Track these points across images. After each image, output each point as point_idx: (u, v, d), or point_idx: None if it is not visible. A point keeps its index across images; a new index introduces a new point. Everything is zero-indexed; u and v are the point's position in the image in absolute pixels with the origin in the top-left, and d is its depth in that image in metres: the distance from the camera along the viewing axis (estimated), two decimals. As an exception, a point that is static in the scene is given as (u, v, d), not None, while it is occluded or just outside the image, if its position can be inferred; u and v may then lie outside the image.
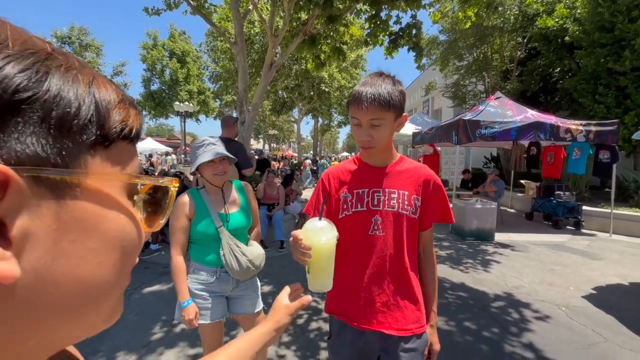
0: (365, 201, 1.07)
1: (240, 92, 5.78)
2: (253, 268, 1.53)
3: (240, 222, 1.57)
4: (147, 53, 22.13)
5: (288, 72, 13.23)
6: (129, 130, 0.25)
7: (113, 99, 0.25)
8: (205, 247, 1.51)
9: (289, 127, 46.06)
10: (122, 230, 0.25)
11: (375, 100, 0.94)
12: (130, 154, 0.26)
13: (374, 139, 1.00)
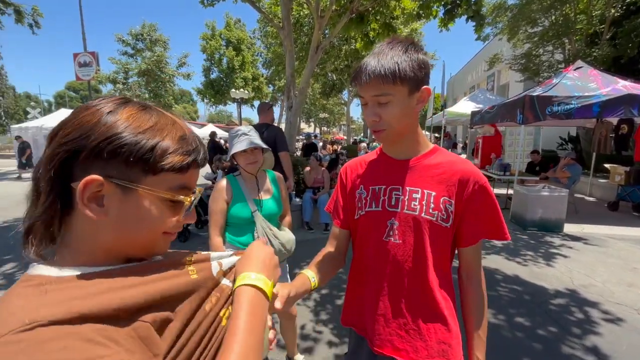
0: (381, 200, 0.90)
1: (288, 77, 5.89)
2: (285, 251, 1.61)
3: (272, 209, 1.65)
4: (206, 43, 23.56)
5: (337, 53, 13.00)
6: (170, 167, 0.47)
7: (169, 148, 0.47)
8: (241, 230, 1.63)
9: (339, 110, 45.61)
10: (147, 214, 0.47)
11: (376, 72, 0.77)
12: (175, 179, 0.48)
13: (382, 120, 0.82)
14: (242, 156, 1.58)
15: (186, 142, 0.49)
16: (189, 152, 0.49)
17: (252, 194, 1.61)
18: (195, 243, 4.58)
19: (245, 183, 1.63)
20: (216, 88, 24.45)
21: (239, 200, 1.60)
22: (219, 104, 26.54)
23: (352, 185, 0.99)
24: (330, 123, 47.92)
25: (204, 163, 0.52)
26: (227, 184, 1.62)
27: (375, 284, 0.92)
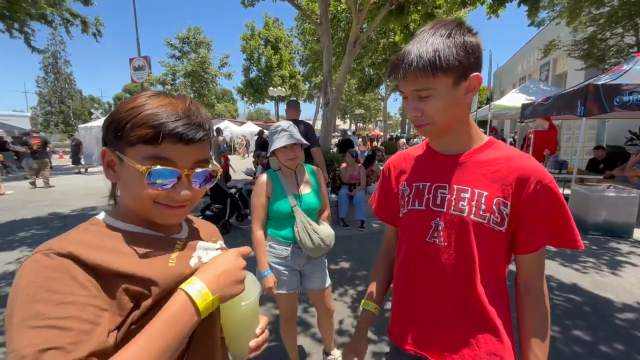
0: (425, 198, 0.83)
1: (325, 73, 5.87)
2: (324, 246, 1.61)
3: (312, 203, 1.66)
4: (246, 43, 24.37)
5: (375, 47, 12.71)
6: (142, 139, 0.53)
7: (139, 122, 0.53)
8: (281, 224, 1.65)
9: (376, 106, 44.72)
10: (131, 181, 0.55)
11: (414, 64, 0.70)
12: (148, 151, 0.53)
13: (424, 115, 0.75)
14: (282, 152, 1.60)
15: (156, 117, 0.53)
16: (155, 126, 0.52)
17: (291, 189, 1.63)
18: (236, 235, 4.79)
19: (285, 178, 1.66)
20: (255, 87, 25.24)
21: (279, 194, 1.62)
22: (258, 102, 27.38)
23: (395, 182, 0.94)
24: (366, 119, 47.21)
25: (188, 138, 0.54)
26: (268, 179, 1.65)
27: (418, 287, 0.86)
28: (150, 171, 0.53)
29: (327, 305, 1.79)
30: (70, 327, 0.42)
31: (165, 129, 0.53)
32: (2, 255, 3.98)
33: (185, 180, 0.56)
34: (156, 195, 0.55)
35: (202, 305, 0.48)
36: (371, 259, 3.79)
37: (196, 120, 0.56)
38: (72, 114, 37.99)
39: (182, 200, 0.57)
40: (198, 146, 0.57)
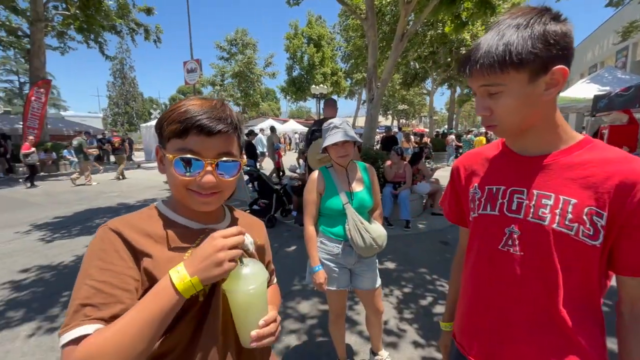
0: (499, 203, 0.76)
1: (370, 68, 5.77)
2: (376, 246, 1.58)
3: (364, 201, 1.63)
4: (289, 43, 24.88)
5: (421, 40, 12.19)
6: (173, 134, 0.62)
7: (169, 120, 0.63)
8: (333, 221, 1.66)
9: (420, 101, 42.88)
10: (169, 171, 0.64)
11: (480, 61, 0.64)
12: (178, 144, 0.62)
13: (495, 114, 0.69)
14: (333, 149, 1.60)
15: (186, 114, 0.62)
16: (181, 121, 0.61)
17: (343, 186, 1.63)
18: (281, 229, 4.93)
19: (337, 175, 1.65)
20: (297, 85, 25.71)
21: (330, 191, 1.63)
22: (300, 100, 27.86)
23: (465, 183, 0.87)
24: (410, 115, 45.53)
25: (209, 130, 0.61)
26: (319, 175, 1.66)
27: (489, 297, 0.78)
28: (176, 159, 0.62)
29: (377, 306, 1.77)
30: (103, 290, 0.54)
31: (189, 123, 0.61)
32: (82, 239, 4.56)
33: (210, 169, 0.63)
34: (187, 183, 0.63)
35: (180, 286, 0.53)
36: (417, 259, 3.66)
37: (218, 115, 0.63)
38: (135, 114, 42.08)
39: (208, 188, 0.63)
40: (220, 138, 0.64)
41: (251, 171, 5.28)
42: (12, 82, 34.32)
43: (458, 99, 24.37)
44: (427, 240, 4.29)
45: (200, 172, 0.62)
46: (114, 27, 13.72)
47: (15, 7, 10.28)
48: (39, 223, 5.43)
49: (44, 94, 11.91)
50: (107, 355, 0.48)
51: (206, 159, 0.62)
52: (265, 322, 0.63)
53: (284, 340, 2.29)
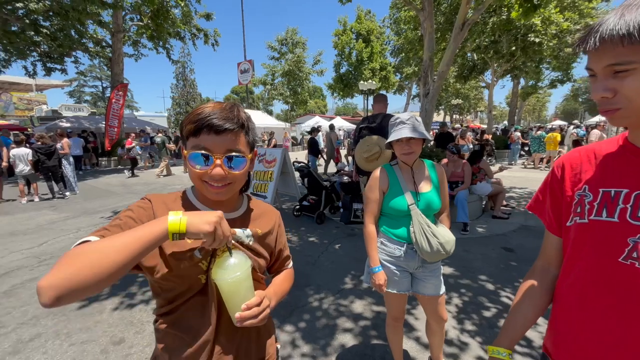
0: (620, 208, 0.65)
1: (425, 61, 5.47)
2: (443, 252, 1.47)
3: (431, 203, 1.53)
4: (338, 39, 24.77)
5: (481, 29, 11.24)
6: (189, 132, 0.71)
7: (186, 121, 0.72)
8: (395, 222, 1.57)
9: (476, 95, 39.78)
10: (188, 166, 0.73)
11: (613, 32, 0.54)
12: (193, 142, 0.71)
13: (618, 95, 0.59)
14: (397, 145, 1.53)
15: (198, 115, 0.71)
16: (195, 121, 0.70)
17: (408, 186, 1.54)
18: (330, 226, 4.95)
19: (401, 173, 1.57)
20: (345, 82, 25.53)
21: (394, 191, 1.55)
22: (347, 96, 27.68)
23: (570, 184, 0.77)
24: (464, 110, 42.50)
25: (216, 128, 0.70)
26: (383, 173, 1.59)
27: (603, 319, 0.68)
28: (190, 154, 0.72)
29: (440, 314, 1.65)
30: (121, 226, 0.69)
31: (201, 123, 0.70)
32: (153, 226, 5.07)
33: (218, 162, 0.71)
34: (200, 175, 0.73)
35: (171, 222, 0.60)
36: (476, 266, 3.39)
37: (226, 115, 0.71)
38: (194, 114, 45.65)
39: (218, 180, 0.72)
40: (228, 136, 0.72)
41: (301, 168, 5.37)
42: (97, 87, 39.57)
43: (521, 92, 22.07)
44: (487, 245, 3.96)
45: (210, 166, 0.72)
46: (178, 33, 14.96)
47: (101, 21, 11.75)
48: (119, 210, 6.16)
49: (122, 96, 13.47)
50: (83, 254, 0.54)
51: (216, 154, 0.71)
52: (247, 306, 0.69)
53: (337, 338, 2.29)
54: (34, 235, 4.71)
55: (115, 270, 0.54)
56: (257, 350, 0.86)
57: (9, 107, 27.59)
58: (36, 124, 17.57)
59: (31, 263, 3.67)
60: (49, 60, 12.51)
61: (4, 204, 6.88)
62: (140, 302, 2.78)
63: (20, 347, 2.20)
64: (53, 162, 7.10)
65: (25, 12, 10.03)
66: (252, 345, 0.85)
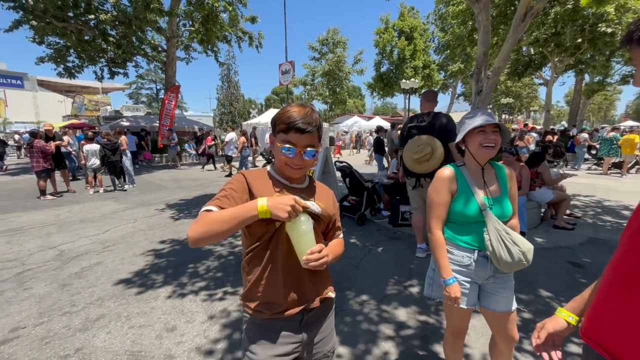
0: None
1: (479, 56, 5.11)
2: (525, 262, 1.31)
3: (503, 209, 1.37)
4: (379, 38, 24.32)
5: (541, 20, 10.28)
6: (281, 130, 1.00)
7: (279, 121, 1.01)
8: (463, 228, 1.43)
9: (530, 93, 36.65)
10: (276, 152, 1.03)
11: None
12: (283, 137, 1.00)
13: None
14: (478, 135, 1.34)
15: (289, 118, 0.97)
16: (286, 122, 0.98)
17: (479, 189, 1.39)
18: (371, 229, 4.82)
19: (470, 175, 1.43)
20: (385, 81, 24.99)
21: (464, 194, 1.40)
22: (387, 96, 27.07)
23: None
24: (515, 109, 39.35)
25: (301, 130, 0.97)
26: (452, 173, 1.44)
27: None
28: (282, 147, 0.99)
29: (511, 333, 1.47)
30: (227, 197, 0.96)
31: (291, 125, 0.97)
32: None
33: (300, 154, 0.99)
34: (286, 160, 1.01)
35: (259, 208, 0.87)
36: (537, 280, 3.07)
37: (308, 120, 0.97)
38: (237, 114, 47.71)
39: (298, 164, 1.01)
40: (308, 136, 0.99)
41: (343, 167, 5.31)
42: (152, 89, 43.08)
43: (585, 89, 19.84)
44: (549, 258, 3.57)
45: (294, 155, 0.99)
46: (225, 37, 15.71)
47: (159, 28, 12.73)
48: (170, 203, 6.61)
49: (174, 97, 14.46)
50: (210, 221, 0.88)
51: (299, 147, 0.98)
52: (311, 251, 0.92)
53: (381, 345, 2.19)
54: (99, 223, 5.20)
55: (227, 232, 0.88)
56: (312, 290, 1.09)
57: (81, 108, 31.07)
58: (102, 123, 19.56)
59: (97, 248, 4.04)
60: (114, 65, 13.84)
61: (75, 194, 7.72)
62: (190, 292, 2.92)
63: (89, 325, 2.42)
64: (116, 157, 7.82)
65: (96, 22, 11.20)
66: (307, 285, 1.09)
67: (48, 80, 36.56)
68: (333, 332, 1.19)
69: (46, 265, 3.55)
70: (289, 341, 1.04)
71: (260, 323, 1.05)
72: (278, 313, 1.03)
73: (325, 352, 1.14)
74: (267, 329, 1.04)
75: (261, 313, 1.04)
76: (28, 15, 10.41)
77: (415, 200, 3.72)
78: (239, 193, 0.97)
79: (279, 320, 1.04)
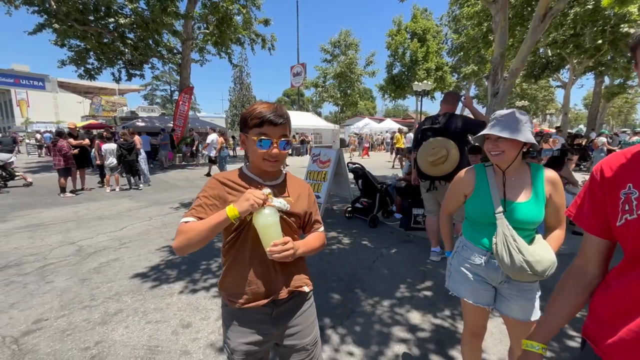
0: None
1: (496, 58, 5.03)
2: (530, 272, 1.25)
3: (524, 215, 1.32)
4: (391, 39, 24.17)
5: (560, 21, 10.05)
6: (254, 125, 1.05)
7: (251, 116, 1.05)
8: (480, 229, 1.43)
9: (546, 95, 35.75)
10: (251, 148, 1.08)
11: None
12: (257, 130, 1.05)
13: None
14: (486, 143, 1.39)
15: (260, 113, 1.03)
16: (259, 117, 1.03)
17: (499, 191, 1.38)
18: (383, 231, 4.79)
19: (494, 176, 1.41)
20: (397, 83, 24.80)
21: (480, 194, 1.40)
22: (398, 98, 26.86)
23: (613, 184, 0.79)
24: (530, 112, 38.48)
25: (274, 122, 1.03)
26: (470, 173, 1.46)
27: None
28: (259, 140, 1.04)
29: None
30: (203, 206, 1.05)
31: (264, 118, 1.03)
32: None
33: (275, 145, 1.05)
34: (263, 154, 1.05)
35: (228, 212, 0.96)
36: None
37: (279, 113, 1.05)
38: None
39: (274, 156, 1.06)
40: (281, 127, 1.05)
41: (356, 169, 5.29)
42: (166, 91, 44.01)
43: (605, 91, 19.25)
44: (565, 265, 3.46)
45: (270, 147, 1.04)
46: (239, 39, 15.93)
47: (175, 31, 13.02)
48: (184, 202, 6.73)
49: (188, 98, 14.74)
50: (187, 231, 0.98)
51: (273, 139, 1.04)
52: (274, 243, 0.98)
53: (394, 348, 2.17)
54: (116, 220, 5.34)
55: (206, 239, 0.97)
56: (280, 282, 1.13)
57: (99, 108, 31.98)
58: (118, 123, 20.08)
59: (114, 245, 4.15)
60: (131, 67, 14.21)
61: (93, 191, 7.94)
62: (202, 288, 2.96)
63: (107, 319, 2.48)
64: (132, 157, 8.02)
65: (115, 25, 11.53)
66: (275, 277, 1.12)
67: (68, 81, 37.87)
68: (313, 326, 1.22)
69: (66, 260, 3.66)
70: (259, 331, 1.10)
71: (233, 311, 1.11)
72: (247, 303, 1.08)
73: (303, 345, 1.17)
74: (239, 317, 1.10)
75: (233, 302, 1.09)
76: (51, 18, 10.81)
77: (429, 203, 3.68)
78: (211, 200, 1.05)
79: (249, 310, 1.09)
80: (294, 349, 1.16)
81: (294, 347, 1.16)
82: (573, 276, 0.91)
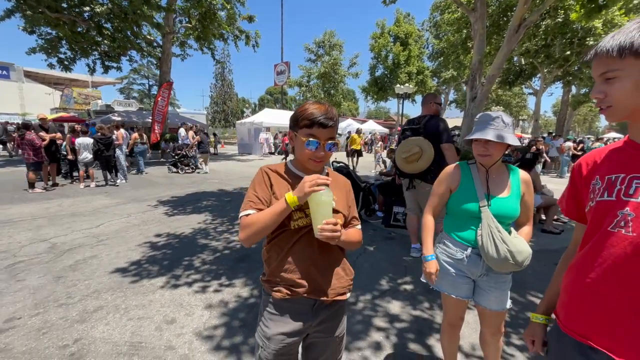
0: (617, 189, 0.80)
1: (474, 64, 5.27)
2: (512, 262, 1.37)
3: (506, 209, 1.44)
4: (375, 42, 24.61)
5: (533, 32, 10.62)
6: (305, 125, 1.08)
7: (303, 117, 1.08)
8: (461, 223, 1.52)
9: (519, 102, 37.56)
10: (299, 146, 1.11)
11: (600, 48, 0.74)
12: (307, 131, 1.08)
13: (607, 97, 0.77)
14: (474, 145, 1.48)
15: (312, 114, 1.06)
16: (310, 118, 1.06)
17: (482, 186, 1.48)
18: (366, 228, 4.79)
19: (478, 173, 1.51)
20: (380, 85, 25.26)
21: (466, 189, 1.50)
22: (381, 100, 27.36)
23: (586, 178, 0.92)
24: (504, 118, 40.14)
25: (324, 125, 1.06)
26: (456, 170, 1.55)
27: (600, 284, 0.80)
28: (307, 141, 1.07)
29: (498, 328, 1.57)
30: (258, 197, 1.09)
31: (315, 120, 1.05)
32: (195, 216, 5.32)
33: (322, 146, 1.07)
34: (310, 154, 1.08)
35: (288, 199, 1.00)
36: (524, 281, 3.19)
37: (329, 116, 1.07)
38: (230, 112, 47.39)
39: (320, 157, 1.09)
40: (330, 129, 1.08)
41: (340, 168, 5.38)
42: (144, 85, 42.44)
43: (572, 100, 20.51)
44: (539, 260, 3.70)
45: (318, 148, 1.07)
46: (222, 35, 15.66)
47: (158, 24, 12.59)
48: (162, 200, 6.55)
49: (168, 94, 14.32)
50: (252, 223, 1.03)
51: (321, 140, 1.07)
52: (327, 222, 1.00)
53: (372, 336, 2.26)
54: (92, 217, 5.13)
55: (270, 228, 1.04)
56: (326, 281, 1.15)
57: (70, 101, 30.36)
58: (92, 116, 19.18)
59: (91, 242, 4.00)
60: (108, 58, 13.62)
61: (65, 187, 7.58)
62: (185, 284, 2.93)
63: (86, 316, 2.41)
64: (110, 152, 7.71)
65: (91, 14, 11.02)
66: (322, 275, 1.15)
67: (36, 71, 35.63)
68: (344, 319, 1.26)
69: (39, 257, 3.50)
70: (299, 320, 1.13)
71: (276, 302, 1.14)
72: (293, 294, 1.11)
73: (334, 338, 1.21)
74: (281, 307, 1.13)
75: (278, 292, 1.12)
76: (21, 4, 10.19)
77: (410, 201, 3.82)
78: (263, 191, 1.10)
79: (292, 300, 1.12)
80: (323, 340, 1.19)
81: (325, 338, 1.19)
82: (567, 258, 1.04)
